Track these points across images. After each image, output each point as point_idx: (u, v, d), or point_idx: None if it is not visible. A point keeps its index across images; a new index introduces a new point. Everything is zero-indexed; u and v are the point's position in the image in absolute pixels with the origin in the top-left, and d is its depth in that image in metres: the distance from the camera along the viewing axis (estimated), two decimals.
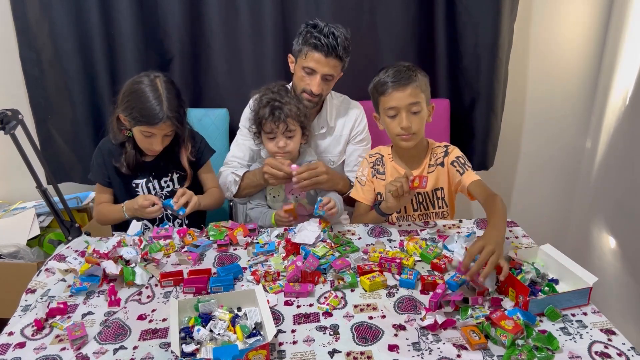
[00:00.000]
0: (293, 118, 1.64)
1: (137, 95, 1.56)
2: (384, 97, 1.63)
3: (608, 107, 2.24)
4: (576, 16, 2.25)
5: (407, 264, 1.33)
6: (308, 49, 1.73)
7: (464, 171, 1.64)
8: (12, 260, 1.93)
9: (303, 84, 1.79)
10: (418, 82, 1.61)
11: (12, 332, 1.12)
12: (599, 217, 2.30)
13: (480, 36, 2.09)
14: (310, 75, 1.76)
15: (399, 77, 1.60)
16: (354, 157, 1.94)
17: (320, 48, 1.70)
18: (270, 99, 1.64)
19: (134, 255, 1.37)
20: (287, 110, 1.63)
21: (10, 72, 2.20)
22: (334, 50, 1.71)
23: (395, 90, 1.60)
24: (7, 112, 1.42)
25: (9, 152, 1.54)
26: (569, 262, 1.26)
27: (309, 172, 1.61)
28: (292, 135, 1.67)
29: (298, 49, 1.78)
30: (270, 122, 1.63)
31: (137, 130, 1.61)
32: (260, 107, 1.66)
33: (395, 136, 1.66)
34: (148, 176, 1.72)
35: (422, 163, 1.73)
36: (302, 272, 1.28)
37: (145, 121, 1.56)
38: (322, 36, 1.70)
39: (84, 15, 2.07)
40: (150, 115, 1.55)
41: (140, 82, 1.58)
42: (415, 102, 1.60)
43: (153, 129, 1.58)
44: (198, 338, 1.04)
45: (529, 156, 2.50)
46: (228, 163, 1.88)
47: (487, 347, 1.03)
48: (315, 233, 1.46)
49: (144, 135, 1.60)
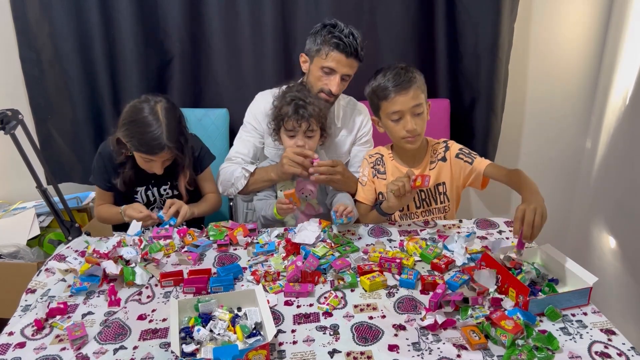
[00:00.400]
0: (315, 118, 1.63)
1: (137, 125, 1.55)
2: (386, 102, 1.62)
3: (608, 107, 2.24)
4: (576, 16, 2.25)
5: (407, 264, 1.33)
6: (329, 49, 1.71)
7: (473, 159, 1.65)
8: (12, 260, 1.93)
9: (321, 83, 1.77)
10: (418, 83, 1.61)
11: (12, 332, 1.12)
12: (599, 217, 2.30)
13: (480, 36, 2.09)
14: (330, 75, 1.75)
15: (399, 81, 1.59)
16: (358, 158, 1.94)
17: (342, 48, 1.69)
18: (295, 97, 1.63)
19: (134, 255, 1.37)
20: (311, 109, 1.62)
21: (10, 72, 2.20)
22: (355, 51, 1.71)
23: (398, 95, 1.59)
24: (7, 112, 1.42)
25: (9, 152, 1.54)
26: (569, 262, 1.26)
27: (327, 168, 1.62)
28: (312, 136, 1.66)
29: (316, 48, 1.74)
30: (294, 120, 1.62)
31: (137, 155, 1.62)
32: (283, 104, 1.64)
33: (400, 139, 1.66)
34: (147, 184, 1.73)
35: (423, 161, 1.73)
36: (302, 272, 1.28)
37: (145, 150, 1.56)
38: (344, 36, 1.69)
39: (84, 15, 2.07)
40: (150, 145, 1.54)
41: (141, 109, 1.56)
42: (418, 103, 1.61)
43: (152, 157, 1.59)
44: (198, 338, 1.04)
45: (529, 156, 2.50)
46: (232, 159, 1.86)
47: (487, 347, 1.03)
48: (315, 233, 1.46)
49: (144, 160, 1.61)
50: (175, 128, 1.59)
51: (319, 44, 1.74)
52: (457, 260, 1.37)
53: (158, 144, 1.54)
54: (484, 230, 1.57)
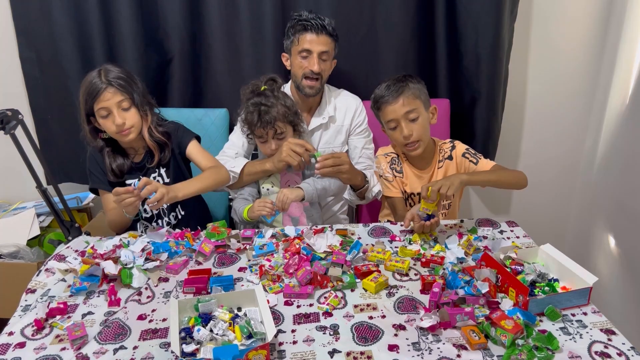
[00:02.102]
0: (281, 120, 1.65)
1: (83, 83, 1.60)
2: (381, 112, 1.72)
3: (608, 107, 2.24)
4: (576, 16, 2.24)
5: (402, 267, 1.33)
6: (299, 34, 1.82)
7: (478, 160, 1.72)
8: (12, 260, 1.93)
9: (302, 69, 1.83)
10: (411, 90, 1.67)
11: (12, 332, 1.12)
12: (599, 217, 2.30)
13: (480, 36, 2.09)
14: (307, 58, 1.83)
15: (389, 91, 1.68)
16: (358, 148, 1.96)
17: (310, 27, 1.79)
18: (257, 103, 1.65)
19: (132, 259, 1.36)
20: (275, 113, 1.64)
21: (10, 72, 2.19)
22: (323, 28, 1.80)
23: (388, 104, 1.68)
24: (7, 112, 1.42)
25: (9, 152, 1.54)
26: (569, 262, 1.26)
27: (333, 159, 1.65)
28: (283, 137, 1.68)
29: (289, 41, 1.87)
30: (260, 127, 1.65)
31: (99, 118, 1.61)
32: (247, 112, 1.67)
33: (402, 146, 1.73)
34: (138, 175, 1.73)
35: (432, 162, 1.79)
36: (313, 273, 1.27)
37: (93, 97, 1.57)
38: (309, 18, 1.80)
39: (84, 15, 2.06)
40: (93, 89, 1.57)
41: None
42: (411, 109, 1.66)
43: (102, 102, 1.58)
44: (198, 338, 1.04)
45: (529, 156, 2.50)
46: (225, 152, 1.88)
47: (487, 347, 1.03)
48: (327, 242, 1.43)
49: (103, 116, 1.60)
50: (117, 72, 1.61)
51: (290, 35, 1.86)
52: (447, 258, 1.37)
53: (99, 84, 1.57)
54: (485, 228, 1.57)
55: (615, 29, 2.18)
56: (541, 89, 2.37)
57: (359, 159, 1.94)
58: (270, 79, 1.74)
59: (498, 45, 2.10)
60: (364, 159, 1.95)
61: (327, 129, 1.95)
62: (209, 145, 1.87)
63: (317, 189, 1.65)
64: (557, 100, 2.39)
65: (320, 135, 1.96)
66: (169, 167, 1.75)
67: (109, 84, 1.58)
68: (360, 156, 1.95)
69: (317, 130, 1.95)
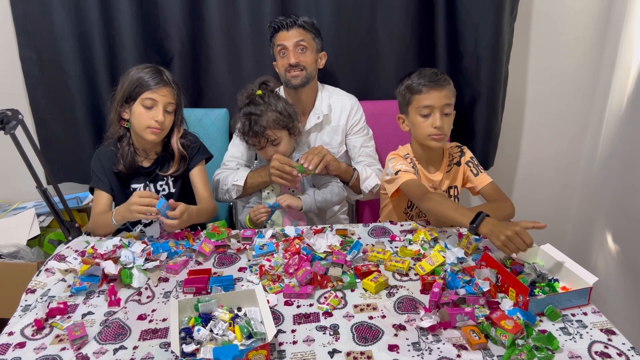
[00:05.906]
0: (272, 128, 1.66)
1: (136, 71, 1.62)
2: (420, 95, 1.65)
3: (608, 107, 2.23)
4: (576, 16, 2.24)
5: (402, 267, 1.33)
6: (274, 37, 1.89)
7: (478, 173, 1.75)
8: (12, 260, 1.93)
9: (284, 66, 1.87)
10: (451, 87, 1.69)
11: (12, 332, 1.12)
12: (599, 217, 2.30)
13: (480, 36, 2.09)
14: (286, 54, 1.87)
15: (436, 79, 1.65)
16: (356, 147, 1.97)
17: (280, 27, 1.86)
18: (247, 113, 1.68)
19: (132, 259, 1.36)
20: (265, 121, 1.65)
21: (10, 72, 2.19)
22: (294, 23, 1.84)
23: (433, 90, 1.64)
24: (7, 112, 1.42)
25: (9, 152, 1.54)
26: (569, 262, 1.26)
27: (314, 154, 1.67)
28: (278, 142, 1.70)
29: (272, 46, 1.94)
30: (252, 137, 1.68)
31: (138, 106, 1.60)
32: (241, 122, 1.70)
33: (426, 136, 1.67)
34: (145, 180, 1.73)
35: (441, 164, 1.78)
36: (313, 273, 1.27)
37: (148, 86, 1.59)
38: (279, 20, 1.86)
39: (84, 15, 2.06)
40: (153, 79, 1.60)
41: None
42: (449, 103, 1.66)
43: (155, 94, 1.59)
44: (198, 338, 1.04)
45: (529, 156, 2.50)
46: (226, 164, 1.89)
47: (487, 347, 1.03)
48: (327, 242, 1.43)
49: (146, 107, 1.60)
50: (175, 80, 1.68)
51: (270, 41, 1.93)
52: (447, 258, 1.37)
53: (159, 77, 1.62)
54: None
55: (615, 29, 2.18)
56: (541, 89, 2.37)
57: (359, 157, 1.94)
58: (262, 83, 1.76)
59: (498, 45, 2.10)
60: (364, 157, 1.95)
61: (322, 129, 1.95)
62: (209, 145, 1.87)
63: (317, 201, 1.68)
64: (557, 100, 2.39)
65: (316, 136, 1.96)
66: (178, 178, 1.75)
67: (170, 84, 1.63)
68: (360, 154, 1.95)
69: (313, 131, 1.96)
